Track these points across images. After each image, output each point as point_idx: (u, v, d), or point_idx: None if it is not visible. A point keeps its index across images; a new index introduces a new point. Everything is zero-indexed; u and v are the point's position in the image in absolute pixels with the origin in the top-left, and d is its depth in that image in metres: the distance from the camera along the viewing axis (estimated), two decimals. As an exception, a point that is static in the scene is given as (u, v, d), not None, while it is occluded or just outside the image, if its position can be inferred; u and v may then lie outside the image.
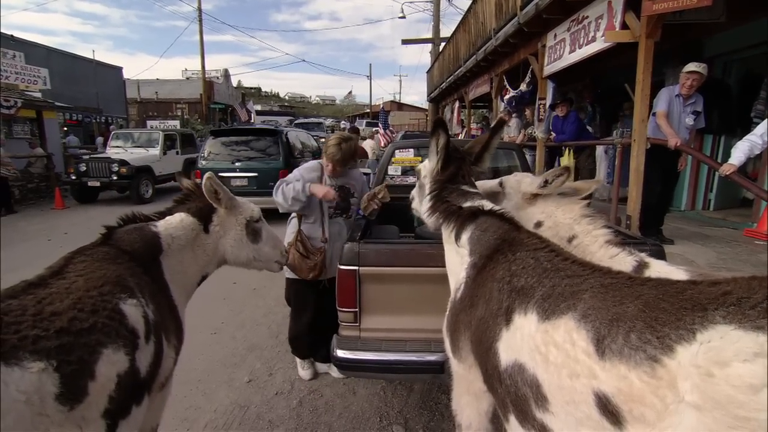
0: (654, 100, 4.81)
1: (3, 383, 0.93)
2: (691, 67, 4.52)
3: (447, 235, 1.76)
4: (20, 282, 1.24)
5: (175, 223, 1.79)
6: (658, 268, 1.53)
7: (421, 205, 2.05)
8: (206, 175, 1.85)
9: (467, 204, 1.71)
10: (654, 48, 4.58)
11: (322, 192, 2.72)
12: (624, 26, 4.77)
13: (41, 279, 1.28)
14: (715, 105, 4.94)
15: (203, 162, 8.76)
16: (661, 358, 0.88)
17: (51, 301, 1.17)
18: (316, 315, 3.02)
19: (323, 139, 8.16)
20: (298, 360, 3.23)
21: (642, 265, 1.56)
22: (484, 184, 2.11)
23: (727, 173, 4.04)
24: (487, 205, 1.68)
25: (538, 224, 1.89)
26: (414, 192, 2.20)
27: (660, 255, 1.97)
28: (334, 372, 3.07)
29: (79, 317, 1.17)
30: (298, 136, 10.34)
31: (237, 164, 8.50)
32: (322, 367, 3.22)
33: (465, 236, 1.63)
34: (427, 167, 1.96)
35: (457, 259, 1.68)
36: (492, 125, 2.11)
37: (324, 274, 2.90)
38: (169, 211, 1.87)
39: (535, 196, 1.95)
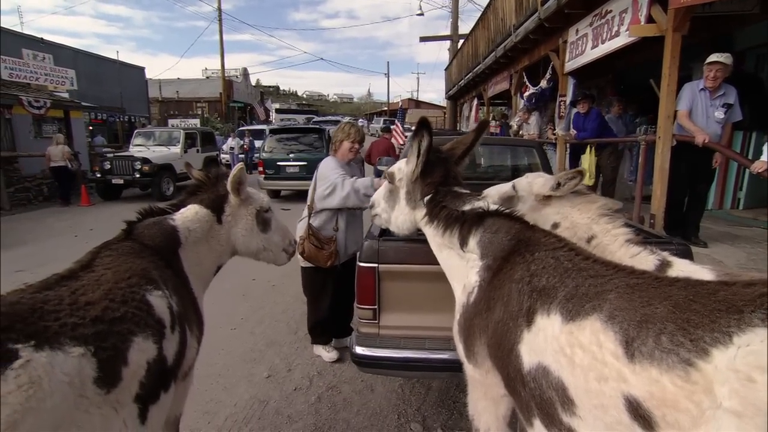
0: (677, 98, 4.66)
1: (49, 366, 0.99)
2: (713, 57, 4.33)
3: (446, 241, 1.70)
4: (51, 275, 1.30)
5: (191, 216, 1.82)
6: (681, 267, 1.48)
7: (392, 212, 1.95)
8: (238, 165, 1.89)
9: (467, 207, 1.67)
10: (681, 42, 4.44)
11: (380, 185, 2.77)
12: (650, 20, 4.63)
13: (72, 272, 1.34)
14: (747, 99, 4.74)
15: (264, 154, 10.94)
16: (696, 361, 0.85)
17: (84, 292, 1.23)
18: (334, 299, 3.19)
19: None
20: (320, 347, 3.36)
21: (664, 264, 1.51)
22: (500, 189, 2.07)
23: (759, 171, 3.89)
24: (491, 205, 1.64)
25: (555, 225, 1.84)
26: (378, 197, 2.07)
27: (687, 255, 1.91)
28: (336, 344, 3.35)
29: (111, 307, 1.23)
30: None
31: (290, 155, 10.69)
32: (341, 342, 3.38)
33: (473, 240, 1.58)
34: (404, 170, 1.86)
35: (462, 263, 1.64)
36: (477, 126, 2.05)
37: (338, 260, 3.07)
38: (182, 203, 1.90)
39: (548, 197, 1.90)
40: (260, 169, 10.79)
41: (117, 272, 1.37)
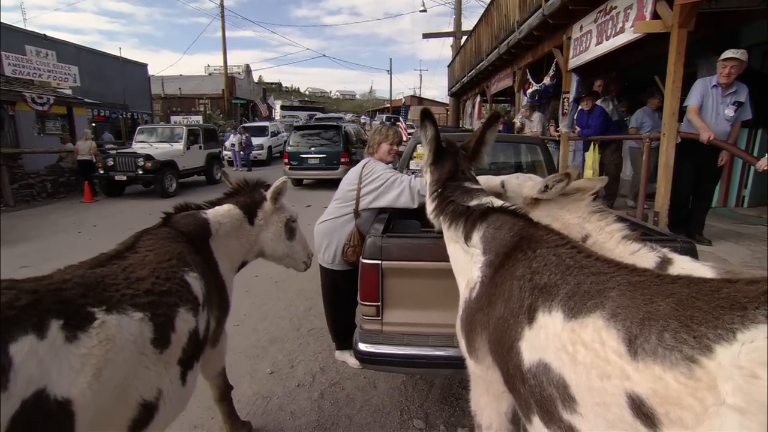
0: (688, 93, 4.62)
1: (119, 326, 1.19)
2: (729, 53, 4.28)
3: (453, 234, 1.71)
4: (100, 254, 1.50)
5: (222, 212, 2.05)
6: (682, 265, 1.46)
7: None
8: (282, 179, 2.21)
9: (474, 202, 1.67)
10: (687, 38, 4.40)
11: None
12: (655, 16, 4.58)
13: (118, 252, 1.53)
14: (753, 96, 4.70)
15: (290, 147, 12.56)
16: (699, 358, 0.85)
17: (133, 270, 1.42)
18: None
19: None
20: (346, 353, 3.11)
21: (665, 262, 1.49)
22: (488, 181, 2.07)
23: (765, 168, 3.87)
24: (497, 201, 1.64)
25: None
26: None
27: (691, 252, 1.89)
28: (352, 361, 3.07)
29: (158, 282, 1.42)
30: (352, 129, 14.56)
31: (312, 149, 12.18)
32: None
33: (477, 236, 1.58)
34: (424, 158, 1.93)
35: (466, 257, 1.65)
36: (488, 117, 2.01)
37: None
38: (219, 201, 2.14)
39: (536, 200, 1.90)
40: (285, 160, 12.28)
41: (158, 254, 1.56)
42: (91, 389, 1.07)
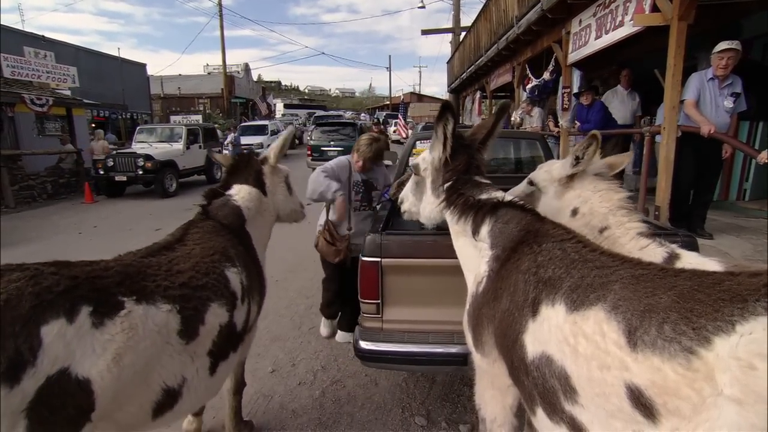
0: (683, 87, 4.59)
1: (144, 317, 1.28)
2: (724, 45, 4.23)
3: (461, 228, 1.71)
4: (154, 244, 1.65)
5: (246, 195, 2.12)
6: (689, 260, 1.47)
7: (420, 203, 1.96)
8: (290, 128, 2.40)
9: (484, 196, 1.66)
10: (687, 30, 4.37)
11: (340, 213, 3.06)
12: (654, 9, 4.56)
13: (169, 243, 1.66)
14: (754, 89, 4.66)
15: (312, 141, 14.35)
16: (698, 349, 0.86)
17: (177, 262, 1.54)
18: (342, 286, 3.37)
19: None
20: (323, 319, 3.61)
21: (673, 257, 1.50)
22: (515, 192, 2.03)
23: (766, 161, 3.84)
24: (506, 196, 1.64)
25: (575, 211, 1.81)
26: (407, 191, 2.09)
27: (692, 247, 1.89)
28: (340, 338, 3.50)
29: (196, 277, 1.52)
30: (366, 126, 16.27)
31: (331, 143, 13.85)
32: (344, 336, 3.47)
33: (485, 229, 1.59)
34: (428, 159, 1.86)
35: (474, 252, 1.65)
36: (498, 108, 1.99)
37: (349, 259, 3.18)
38: (227, 184, 2.17)
39: (570, 177, 1.84)
40: (308, 152, 14.05)
41: (204, 248, 1.68)
42: (110, 372, 1.16)
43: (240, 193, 2.11)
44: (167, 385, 1.37)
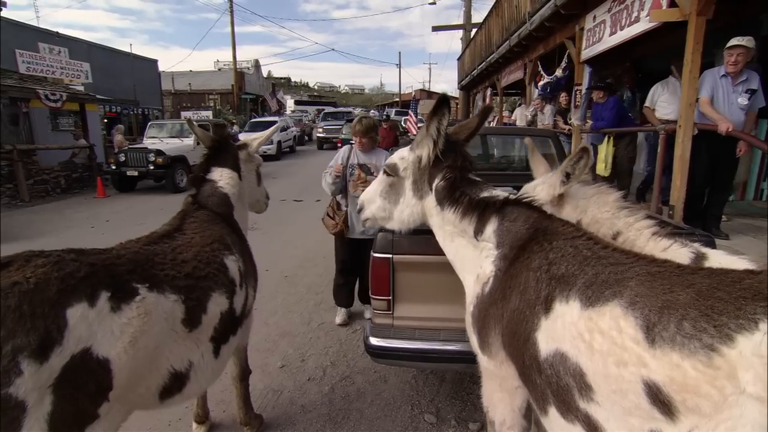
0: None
1: (156, 303, 1.36)
2: (734, 41, 4.14)
3: (460, 228, 1.66)
4: (152, 232, 1.69)
5: (229, 180, 2.15)
6: (718, 259, 1.42)
7: (394, 207, 1.82)
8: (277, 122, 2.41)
9: (485, 194, 1.62)
10: (705, 26, 4.27)
11: (337, 170, 3.41)
12: (672, 4, 4.47)
13: (168, 232, 1.70)
14: (769, 85, 4.54)
15: (343, 135, 16.05)
16: (719, 347, 0.85)
17: (180, 252, 1.59)
18: (346, 265, 3.69)
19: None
20: (337, 308, 3.90)
21: (699, 257, 1.46)
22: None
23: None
24: (511, 194, 1.60)
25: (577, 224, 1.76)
26: (371, 196, 1.90)
27: (710, 246, 1.84)
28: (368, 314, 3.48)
29: (199, 267, 1.59)
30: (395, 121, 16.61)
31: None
32: (364, 306, 3.83)
33: (490, 228, 1.55)
34: (409, 158, 1.76)
35: (474, 253, 1.61)
36: (480, 110, 1.97)
37: (346, 233, 3.53)
38: (207, 167, 2.18)
39: (560, 196, 1.77)
40: (339, 145, 13.90)
41: (203, 237, 1.73)
42: (126, 353, 1.24)
43: (223, 178, 2.15)
44: (175, 368, 1.45)
